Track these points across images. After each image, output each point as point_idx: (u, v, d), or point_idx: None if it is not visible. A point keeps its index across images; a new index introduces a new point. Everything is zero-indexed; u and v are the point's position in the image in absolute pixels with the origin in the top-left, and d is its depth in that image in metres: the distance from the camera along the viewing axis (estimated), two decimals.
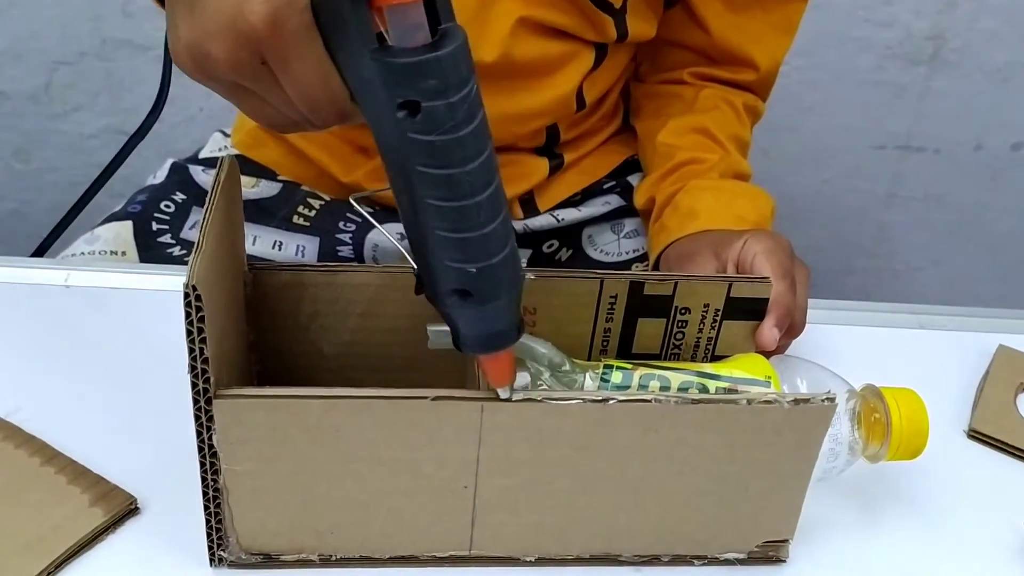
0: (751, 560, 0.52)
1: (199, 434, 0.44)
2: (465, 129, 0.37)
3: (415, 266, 0.43)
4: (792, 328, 0.60)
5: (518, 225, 0.82)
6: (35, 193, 1.44)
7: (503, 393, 0.45)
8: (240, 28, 0.37)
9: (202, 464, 0.45)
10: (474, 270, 0.40)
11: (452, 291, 0.41)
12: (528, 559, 0.51)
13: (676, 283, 0.55)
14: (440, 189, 0.38)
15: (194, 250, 0.42)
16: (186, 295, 0.40)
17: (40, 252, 0.84)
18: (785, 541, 0.52)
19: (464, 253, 0.40)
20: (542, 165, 0.82)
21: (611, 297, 0.55)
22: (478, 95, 0.38)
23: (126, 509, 0.51)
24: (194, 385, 0.43)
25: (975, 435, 0.62)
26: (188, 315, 0.41)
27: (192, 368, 0.42)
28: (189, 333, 0.41)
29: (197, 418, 0.44)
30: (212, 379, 0.42)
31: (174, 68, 0.70)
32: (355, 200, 0.48)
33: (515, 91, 0.75)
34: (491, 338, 0.44)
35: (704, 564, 0.52)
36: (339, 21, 0.37)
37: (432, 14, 0.36)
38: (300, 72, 0.39)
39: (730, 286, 0.56)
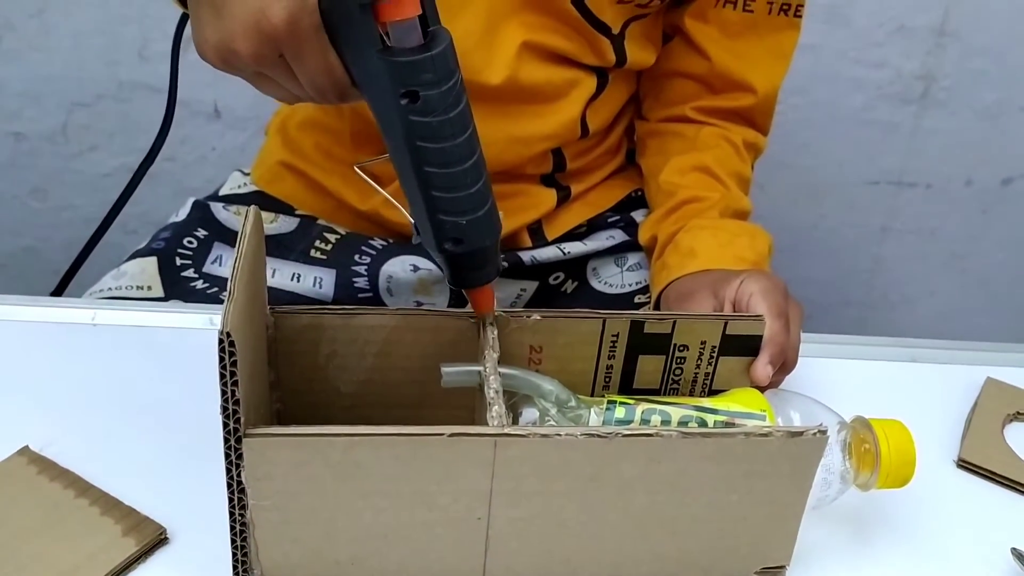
0: None
1: (228, 471, 0.47)
2: (454, 111, 0.47)
3: (413, 221, 0.52)
4: (785, 365, 0.63)
5: (526, 256, 0.85)
6: (51, 230, 1.46)
7: (488, 319, 0.55)
8: (263, 28, 0.46)
9: (230, 500, 0.48)
10: (464, 222, 0.50)
11: (448, 239, 0.51)
12: None
13: (675, 322, 0.58)
14: (436, 159, 0.48)
15: (227, 299, 0.45)
16: (220, 342, 0.43)
17: (60, 288, 0.86)
18: (782, 567, 0.54)
19: (456, 208, 0.50)
20: (550, 196, 0.86)
21: (613, 336, 0.58)
22: (462, 85, 0.48)
23: (156, 539, 0.53)
24: (225, 425, 0.45)
25: (964, 464, 0.65)
26: (222, 359, 0.44)
27: (224, 409, 0.45)
28: (222, 376, 0.44)
29: (227, 456, 0.46)
30: (242, 419, 0.45)
31: (178, 98, 0.74)
32: (359, 168, 0.55)
33: (521, 115, 0.79)
34: (479, 275, 0.54)
35: None
36: (348, 26, 0.46)
37: (422, 18, 0.46)
38: (311, 63, 0.48)
39: (726, 324, 0.59)
